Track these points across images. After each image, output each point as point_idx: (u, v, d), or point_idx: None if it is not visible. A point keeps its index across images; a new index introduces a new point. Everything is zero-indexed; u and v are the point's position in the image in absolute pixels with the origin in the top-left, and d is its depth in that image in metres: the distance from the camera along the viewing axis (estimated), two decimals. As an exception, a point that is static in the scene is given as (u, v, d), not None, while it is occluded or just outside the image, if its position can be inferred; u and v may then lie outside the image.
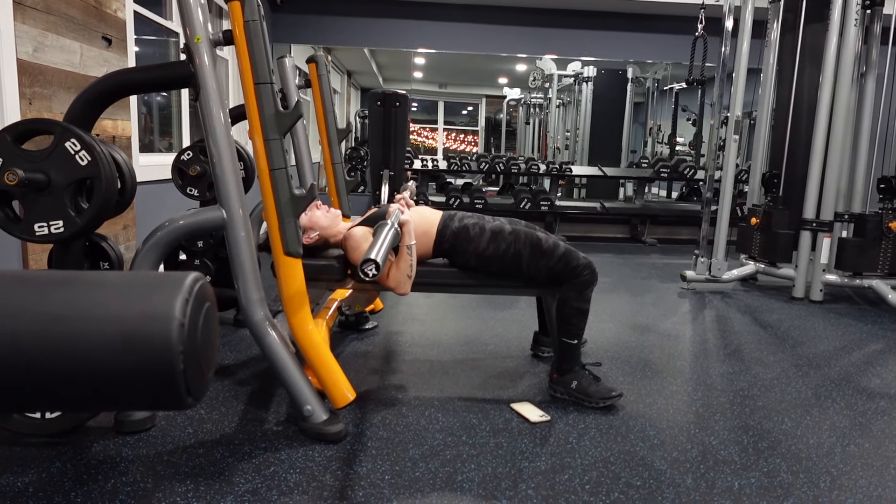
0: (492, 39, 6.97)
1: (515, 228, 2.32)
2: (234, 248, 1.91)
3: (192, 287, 0.71)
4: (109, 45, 3.03)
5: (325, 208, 2.40)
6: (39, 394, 0.66)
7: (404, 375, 2.54)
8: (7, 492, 1.59)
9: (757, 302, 4.11)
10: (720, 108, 4.48)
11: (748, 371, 2.73)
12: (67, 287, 0.68)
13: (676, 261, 5.52)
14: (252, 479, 1.69)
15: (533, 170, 6.89)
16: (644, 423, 2.15)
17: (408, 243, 2.14)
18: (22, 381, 0.65)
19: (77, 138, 1.73)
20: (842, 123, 4.08)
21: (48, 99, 2.56)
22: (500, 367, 2.66)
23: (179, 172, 2.93)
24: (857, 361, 2.98)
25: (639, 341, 3.11)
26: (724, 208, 4.35)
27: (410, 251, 2.15)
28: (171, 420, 2.03)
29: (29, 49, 2.45)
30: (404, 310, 3.55)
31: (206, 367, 0.73)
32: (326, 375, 1.97)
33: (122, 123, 3.17)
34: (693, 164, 6.98)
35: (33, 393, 0.66)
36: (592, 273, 2.28)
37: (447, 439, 1.98)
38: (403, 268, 2.15)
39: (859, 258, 4.08)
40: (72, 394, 0.67)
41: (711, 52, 4.76)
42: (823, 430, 2.16)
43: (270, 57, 1.85)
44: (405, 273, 2.16)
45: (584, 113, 8.62)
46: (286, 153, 1.92)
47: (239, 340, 2.87)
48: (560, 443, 1.98)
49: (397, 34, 6.88)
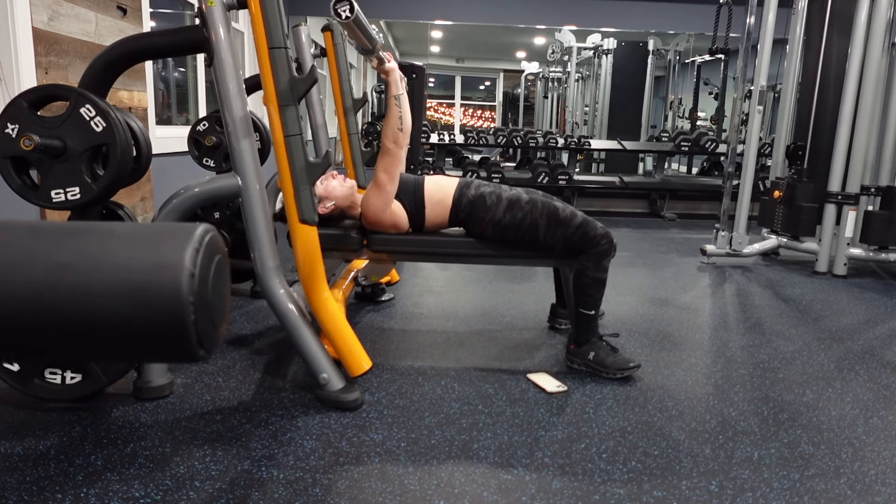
0: (510, 10, 6.86)
1: (533, 197, 2.29)
2: (250, 215, 1.90)
3: (203, 237, 0.70)
4: (125, 15, 3.01)
5: (340, 178, 2.38)
6: (50, 342, 0.66)
7: (420, 346, 2.53)
8: (30, 454, 1.61)
9: (778, 276, 4.05)
10: (744, 80, 4.36)
11: (769, 344, 2.69)
12: (78, 237, 0.67)
13: (696, 236, 5.44)
14: (269, 445, 1.70)
15: (551, 144, 6.81)
16: (662, 394, 2.13)
17: (395, 93, 2.11)
18: (33, 329, 0.65)
19: (92, 104, 1.72)
20: (871, 93, 3.96)
21: (64, 68, 2.56)
22: (516, 339, 2.64)
23: (195, 143, 2.93)
24: (881, 335, 2.92)
25: (657, 314, 3.08)
26: (747, 182, 4.26)
27: (398, 101, 2.12)
28: (189, 388, 2.04)
29: (44, 18, 2.44)
30: (420, 282, 3.54)
31: (217, 320, 0.72)
32: (342, 344, 1.97)
33: (139, 94, 3.17)
34: (714, 137, 6.85)
35: (44, 341, 0.65)
36: (610, 243, 2.24)
37: (463, 408, 1.97)
38: (392, 120, 2.12)
39: (886, 232, 3.99)
40: (82, 343, 0.66)
41: (736, 23, 4.63)
42: (846, 402, 2.13)
43: (285, 21, 1.81)
44: (395, 126, 2.13)
45: (603, 87, 8.47)
46: (301, 120, 1.90)
47: (256, 311, 2.88)
48: (577, 412, 1.97)
49: (414, 5, 6.79)
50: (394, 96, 2.09)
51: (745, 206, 4.27)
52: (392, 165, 2.19)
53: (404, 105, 2.13)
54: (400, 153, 2.19)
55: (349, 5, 1.78)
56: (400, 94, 2.10)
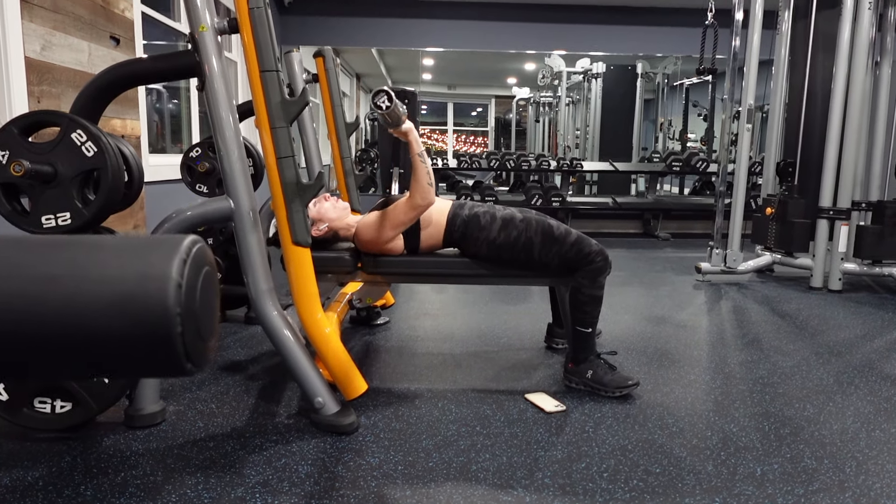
0: (500, 36, 6.95)
1: (527, 216, 2.28)
2: (243, 238, 1.89)
3: (190, 249, 0.69)
4: (118, 45, 3.03)
5: (333, 200, 2.38)
6: (34, 358, 0.64)
7: (417, 368, 2.51)
8: (17, 486, 1.57)
9: (774, 292, 4.04)
10: (732, 102, 4.41)
11: (767, 359, 2.67)
12: (64, 249, 0.66)
13: (691, 254, 5.45)
14: (263, 471, 1.67)
15: (543, 166, 6.85)
16: (662, 411, 2.11)
17: (417, 151, 2.11)
18: (16, 344, 0.63)
19: (83, 129, 1.72)
20: (857, 111, 4.01)
21: (56, 97, 2.56)
22: (513, 360, 2.62)
23: (188, 170, 2.93)
24: (879, 349, 2.91)
25: (654, 332, 3.06)
26: (739, 199, 4.29)
27: (423, 158, 2.12)
28: (182, 415, 2.01)
29: (37, 47, 2.45)
30: (416, 305, 3.52)
31: (205, 333, 0.70)
32: (337, 366, 1.94)
33: (132, 123, 3.17)
34: (705, 157, 6.91)
35: (28, 357, 0.64)
36: (605, 260, 2.24)
37: (461, 430, 1.94)
38: (422, 177, 2.12)
39: (879, 246, 4.01)
40: (68, 357, 0.64)
41: (722, 44, 4.70)
42: (847, 416, 2.11)
43: (276, 45, 1.83)
44: (424, 182, 2.13)
45: (593, 110, 8.56)
46: (293, 142, 1.90)
47: (250, 337, 2.85)
48: (576, 432, 1.94)
49: (405, 33, 6.88)
50: (417, 154, 2.10)
51: (738, 223, 4.29)
52: (412, 222, 2.20)
53: (428, 161, 2.14)
54: (426, 210, 2.18)
55: (387, 96, 1.84)
56: (422, 151, 2.11)
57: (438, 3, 6.76)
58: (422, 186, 2.13)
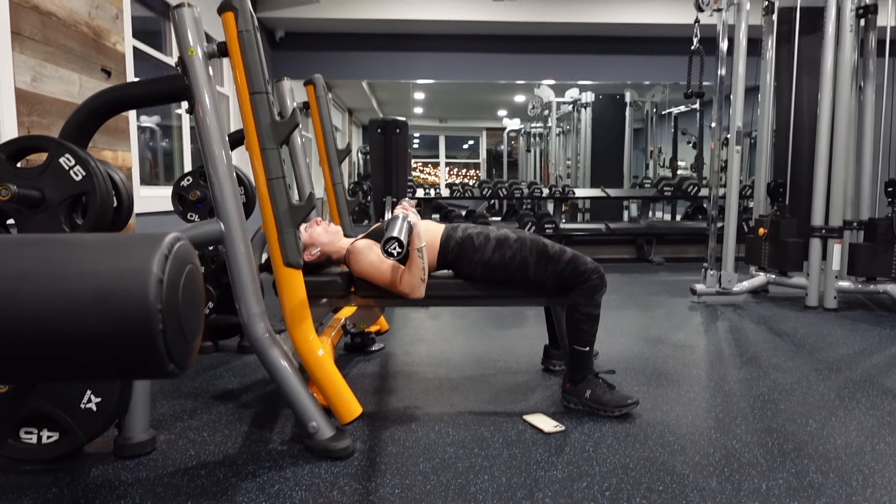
0: (489, 68, 7.06)
1: (521, 236, 2.27)
2: (234, 261, 1.87)
3: (172, 245, 0.67)
4: (109, 77, 3.05)
5: (325, 223, 2.37)
6: (9, 357, 0.62)
7: (413, 393, 2.46)
8: (0, 519, 1.52)
9: (770, 312, 4.03)
10: (720, 130, 4.46)
11: (767, 377, 2.64)
12: (39, 246, 0.64)
13: (685, 277, 5.44)
14: (256, 498, 1.62)
15: (536, 193, 6.88)
16: (662, 429, 2.07)
17: (418, 246, 2.10)
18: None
19: (71, 153, 1.71)
20: (844, 132, 4.05)
21: (46, 128, 2.56)
22: (510, 382, 2.58)
23: (179, 198, 2.92)
24: (878, 364, 2.89)
25: (652, 352, 3.03)
26: (731, 219, 4.30)
27: (421, 254, 2.11)
28: (173, 443, 1.96)
29: (27, 78, 2.46)
30: (411, 331, 3.49)
31: (188, 332, 0.68)
32: (331, 390, 1.91)
33: (123, 154, 3.17)
34: (696, 182, 6.96)
35: (2, 357, 0.61)
36: (601, 277, 2.22)
37: (459, 452, 1.90)
38: (416, 271, 2.11)
39: (872, 263, 4.01)
40: (42, 358, 0.62)
41: (709, 71, 4.77)
42: (850, 430, 2.07)
43: (265, 68, 1.84)
44: (417, 276, 2.11)
45: (584, 139, 8.64)
46: (283, 163, 1.89)
47: (243, 366, 2.81)
48: (576, 451, 1.90)
49: (395, 66, 6.97)
50: (416, 249, 2.10)
51: (731, 244, 4.29)
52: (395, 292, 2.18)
53: (426, 258, 2.14)
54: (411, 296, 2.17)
55: (397, 243, 1.94)
56: (423, 245, 2.12)
57: (427, 36, 6.87)
58: (414, 278, 2.12)
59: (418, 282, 2.13)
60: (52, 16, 2.61)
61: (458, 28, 6.74)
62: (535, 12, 6.48)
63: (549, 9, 6.48)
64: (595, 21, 6.55)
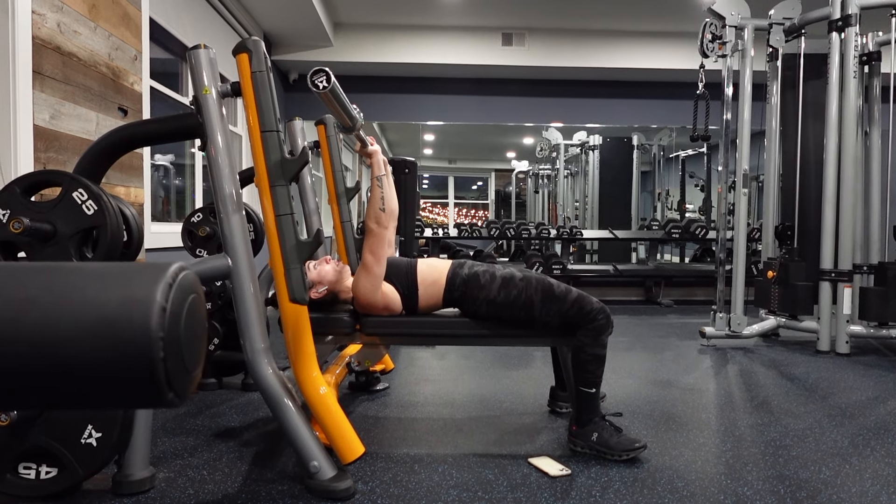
0: (498, 110, 7.17)
1: (527, 275, 2.27)
2: (239, 296, 1.87)
3: (176, 274, 0.67)
4: (125, 116, 3.12)
5: (333, 262, 2.37)
6: (8, 385, 0.62)
7: (416, 433, 2.43)
8: (-6, 556, 1.49)
9: (781, 356, 3.97)
10: (727, 173, 4.49)
11: (778, 422, 2.59)
12: (44, 273, 0.65)
13: (694, 320, 5.39)
14: (254, 539, 1.59)
15: (543, 234, 6.90)
16: (671, 474, 2.02)
17: (377, 174, 2.12)
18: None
19: (84, 188, 1.74)
20: (850, 175, 4.05)
21: (62, 164, 2.61)
22: (516, 424, 2.54)
23: (189, 234, 2.95)
24: (893, 410, 2.83)
25: (660, 395, 2.99)
26: (740, 262, 4.28)
27: (381, 183, 2.13)
28: (172, 482, 1.93)
29: (46, 116, 2.52)
30: (416, 371, 3.46)
31: (189, 362, 0.68)
32: (333, 428, 1.88)
33: (135, 190, 3.22)
34: (704, 223, 6.96)
35: (3, 384, 0.61)
36: (607, 317, 2.21)
37: (462, 495, 1.86)
38: (374, 200, 2.13)
39: (884, 307, 3.96)
40: (44, 385, 0.62)
41: (714, 115, 4.82)
42: (865, 478, 2.02)
43: (277, 107, 1.87)
44: (376, 206, 2.14)
45: (592, 181, 8.69)
46: (292, 200, 1.92)
47: (246, 404, 2.78)
48: (583, 496, 1.86)
49: (405, 108, 7.09)
50: (376, 177, 2.14)
51: (740, 287, 4.27)
52: (377, 246, 2.19)
53: (386, 186, 2.17)
54: (383, 233, 2.19)
55: (325, 76, 1.89)
56: (382, 174, 2.15)
57: (437, 79, 7.01)
58: (374, 210, 2.15)
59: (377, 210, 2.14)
60: (74, 56, 2.69)
61: (468, 71, 6.87)
62: (544, 57, 6.61)
63: (558, 53, 6.61)
64: (603, 66, 6.66)
